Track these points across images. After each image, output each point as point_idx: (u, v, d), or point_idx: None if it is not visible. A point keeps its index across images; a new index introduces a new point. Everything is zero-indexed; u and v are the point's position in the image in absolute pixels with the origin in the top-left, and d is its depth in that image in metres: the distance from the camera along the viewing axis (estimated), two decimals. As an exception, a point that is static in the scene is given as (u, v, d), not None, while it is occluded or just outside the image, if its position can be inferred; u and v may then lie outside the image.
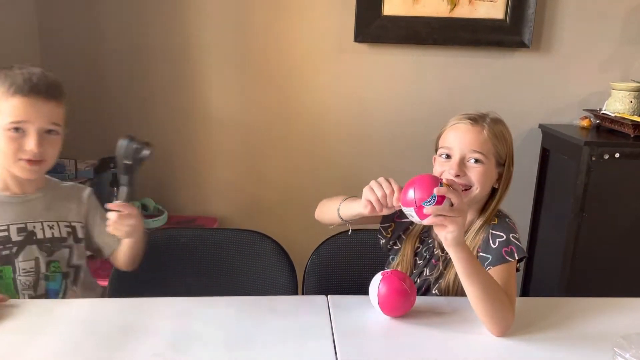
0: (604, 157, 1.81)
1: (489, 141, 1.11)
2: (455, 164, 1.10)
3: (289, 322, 1.03)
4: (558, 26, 2.10)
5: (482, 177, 1.10)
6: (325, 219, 1.22)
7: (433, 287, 1.16)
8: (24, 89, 1.08)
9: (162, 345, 0.94)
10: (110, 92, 2.14)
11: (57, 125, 1.13)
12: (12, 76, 1.09)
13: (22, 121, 1.08)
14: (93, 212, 1.25)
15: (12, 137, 1.08)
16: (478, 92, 2.16)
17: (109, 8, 2.06)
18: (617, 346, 0.90)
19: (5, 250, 1.12)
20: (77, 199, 1.24)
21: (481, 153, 1.10)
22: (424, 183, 0.94)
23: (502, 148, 1.14)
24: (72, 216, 1.21)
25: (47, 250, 1.16)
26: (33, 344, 0.94)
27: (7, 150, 1.09)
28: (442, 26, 2.05)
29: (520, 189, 2.23)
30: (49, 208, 1.18)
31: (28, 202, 1.16)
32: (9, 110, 1.08)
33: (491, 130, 1.12)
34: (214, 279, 1.33)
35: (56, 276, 1.17)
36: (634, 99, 1.99)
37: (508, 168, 1.15)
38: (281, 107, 2.17)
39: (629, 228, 1.87)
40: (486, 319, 0.98)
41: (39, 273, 1.15)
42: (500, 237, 1.10)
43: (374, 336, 1.00)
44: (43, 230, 1.16)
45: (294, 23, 2.09)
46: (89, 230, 1.25)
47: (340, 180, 2.21)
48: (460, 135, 1.13)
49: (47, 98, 1.11)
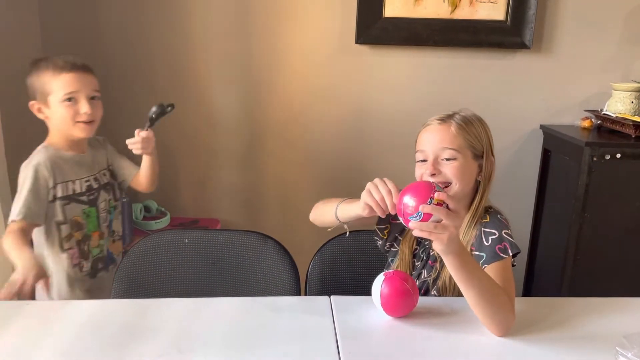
0: (605, 157, 1.81)
1: (458, 136, 1.12)
2: (430, 164, 1.12)
3: (292, 323, 1.03)
4: (559, 27, 2.10)
5: (458, 172, 1.11)
6: (321, 221, 1.22)
7: (432, 288, 1.16)
8: (67, 67, 1.36)
9: (166, 346, 0.95)
10: (112, 94, 2.14)
11: (97, 91, 1.42)
12: (53, 61, 1.37)
13: (73, 91, 1.36)
14: (113, 153, 1.58)
15: (68, 106, 1.36)
16: (479, 94, 2.16)
17: (111, 9, 2.07)
18: (620, 346, 0.91)
19: (91, 196, 1.45)
20: (103, 148, 1.56)
21: (452, 149, 1.11)
22: (415, 194, 0.92)
23: (475, 140, 1.14)
24: (105, 162, 1.55)
25: (107, 192, 1.51)
26: (38, 345, 0.95)
27: (67, 117, 1.37)
28: (443, 28, 2.06)
29: (521, 189, 2.24)
30: (95, 160, 1.51)
31: (87, 157, 1.48)
32: (61, 86, 1.35)
33: (459, 125, 1.14)
34: (217, 280, 1.34)
35: (111, 209, 1.53)
36: (635, 99, 1.99)
37: (487, 159, 1.16)
38: (283, 109, 2.18)
39: (630, 228, 1.87)
40: (487, 320, 0.99)
41: (108, 209, 1.50)
42: (493, 234, 1.10)
43: (376, 337, 1.00)
44: (102, 177, 1.50)
45: (296, 25, 2.10)
46: (115, 169, 1.57)
47: (343, 181, 2.22)
48: (430, 136, 1.15)
49: (85, 71, 1.39)
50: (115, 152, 1.59)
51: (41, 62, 1.38)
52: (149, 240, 1.33)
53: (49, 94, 1.36)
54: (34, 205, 1.32)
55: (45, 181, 1.35)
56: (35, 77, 1.38)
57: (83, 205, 1.43)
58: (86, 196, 1.44)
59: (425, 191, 0.91)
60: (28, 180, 1.34)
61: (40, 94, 1.38)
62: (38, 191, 1.33)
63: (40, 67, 1.37)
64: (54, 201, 1.37)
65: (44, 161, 1.36)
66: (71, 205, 1.40)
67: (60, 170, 1.38)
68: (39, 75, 1.37)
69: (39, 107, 1.40)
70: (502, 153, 2.21)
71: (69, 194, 1.40)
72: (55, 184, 1.37)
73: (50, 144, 1.42)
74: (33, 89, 1.39)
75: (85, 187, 1.44)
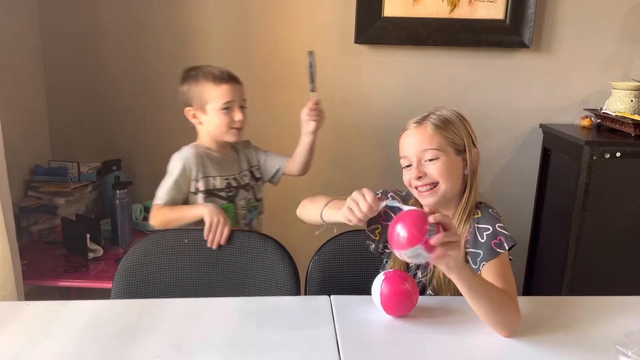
0: (605, 156, 1.81)
1: (436, 135, 1.13)
2: (414, 168, 1.13)
3: (292, 323, 1.03)
4: (558, 26, 2.10)
5: (443, 171, 1.11)
6: (307, 219, 1.26)
7: (428, 288, 1.16)
8: (225, 78, 1.51)
9: (166, 346, 0.95)
10: (112, 95, 2.15)
11: (245, 100, 1.56)
12: (210, 72, 1.51)
13: (230, 101, 1.50)
14: (257, 151, 1.68)
15: (224, 114, 1.50)
16: (479, 93, 2.16)
17: (111, 11, 2.07)
18: (620, 344, 0.91)
19: (230, 193, 1.55)
20: (246, 149, 1.66)
21: (433, 149, 1.12)
22: (409, 225, 0.88)
23: (454, 135, 1.15)
24: (247, 164, 1.64)
25: (247, 191, 1.60)
26: (37, 346, 0.95)
27: (222, 123, 1.50)
28: (442, 27, 2.06)
29: (521, 188, 2.24)
30: (237, 161, 1.61)
31: (229, 158, 1.60)
32: (220, 95, 1.49)
33: (435, 124, 1.14)
34: (217, 280, 1.34)
35: (252, 209, 1.62)
36: (634, 98, 1.99)
37: (470, 152, 1.16)
38: (282, 109, 2.17)
39: (630, 227, 1.87)
40: (495, 326, 0.99)
41: (248, 207, 1.60)
42: (487, 229, 1.10)
43: (377, 336, 1.00)
44: (241, 178, 1.60)
45: (295, 25, 2.10)
46: (263, 167, 1.67)
47: (341, 180, 2.22)
48: (409, 140, 1.15)
49: (238, 82, 1.54)
50: (259, 150, 1.69)
51: (198, 73, 1.52)
52: (148, 241, 1.33)
53: (208, 102, 1.50)
54: (175, 194, 1.47)
55: (189, 173, 1.49)
56: (194, 86, 1.51)
57: (222, 201, 1.53)
58: (225, 192, 1.54)
59: (418, 222, 0.88)
60: (175, 171, 1.48)
61: (198, 101, 1.51)
62: (181, 182, 1.48)
63: (198, 77, 1.51)
64: (197, 193, 1.50)
65: (192, 156, 1.50)
66: (211, 199, 1.51)
67: (204, 166, 1.52)
68: (198, 84, 1.50)
69: (195, 113, 1.53)
70: (502, 152, 2.21)
71: (209, 188, 1.52)
72: (198, 178, 1.50)
73: (199, 144, 1.56)
74: (189, 96, 1.53)
75: (225, 184, 1.55)
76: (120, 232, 1.90)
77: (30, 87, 2.04)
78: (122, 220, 1.90)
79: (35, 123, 2.09)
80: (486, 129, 2.19)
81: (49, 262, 1.80)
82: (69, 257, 1.83)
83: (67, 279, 1.71)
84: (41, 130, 2.12)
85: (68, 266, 1.77)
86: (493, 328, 0.99)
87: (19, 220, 1.91)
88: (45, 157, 2.10)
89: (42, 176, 2.00)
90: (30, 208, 1.91)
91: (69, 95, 2.13)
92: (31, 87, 2.05)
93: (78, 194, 2.00)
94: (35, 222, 1.94)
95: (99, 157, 2.13)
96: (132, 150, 2.18)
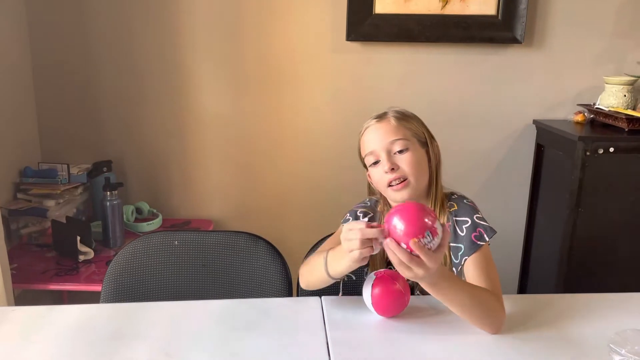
0: (599, 151, 1.81)
1: (400, 126, 1.12)
2: (385, 161, 1.09)
3: (282, 324, 1.02)
4: (550, 21, 2.09)
5: (414, 163, 1.09)
6: (319, 284, 1.08)
7: (416, 288, 1.15)
8: None
9: (155, 350, 0.93)
10: (102, 97, 2.13)
11: None
12: None
13: None
14: None
15: None
16: (471, 89, 2.15)
17: (100, 11, 2.05)
18: (613, 342, 0.90)
19: None
20: None
21: (402, 139, 1.10)
22: (406, 217, 0.86)
23: (415, 126, 1.14)
24: None
25: None
26: (25, 351, 0.93)
27: None
28: (434, 23, 2.04)
29: (515, 185, 2.23)
30: None
31: None
32: None
33: (396, 117, 1.14)
34: (208, 281, 1.32)
35: None
36: (627, 92, 1.99)
37: (432, 143, 1.15)
38: (274, 108, 2.16)
39: (624, 222, 1.87)
40: (478, 324, 0.99)
41: None
42: (465, 222, 1.09)
43: (367, 337, 0.99)
44: None
45: (286, 23, 2.08)
46: None
47: (333, 179, 2.21)
48: (375, 135, 1.13)
49: None
50: None
51: None
52: (138, 243, 1.32)
53: None
54: None
55: None
56: None
57: None
58: None
59: (417, 215, 0.86)
60: None
61: None
62: None
63: None
64: None
65: None
66: None
67: None
68: None
69: None
70: (496, 149, 2.20)
71: None
72: None
73: None
74: None
75: None
76: (112, 234, 1.89)
77: (19, 88, 2.02)
78: (113, 222, 1.88)
79: (24, 124, 2.06)
80: (479, 125, 2.18)
81: (39, 266, 1.78)
82: (60, 260, 1.81)
83: (57, 282, 1.70)
84: (30, 131, 2.10)
85: (59, 269, 1.76)
86: (479, 328, 0.99)
87: (8, 223, 1.90)
88: (34, 159, 2.08)
89: (31, 178, 1.98)
90: (19, 211, 1.89)
91: (58, 96, 2.11)
92: (20, 88, 2.03)
93: (68, 195, 1.98)
94: (24, 225, 1.92)
95: (89, 158, 2.11)
96: (123, 152, 2.16)
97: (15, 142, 1.98)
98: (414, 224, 0.85)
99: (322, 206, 2.23)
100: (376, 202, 1.22)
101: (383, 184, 1.12)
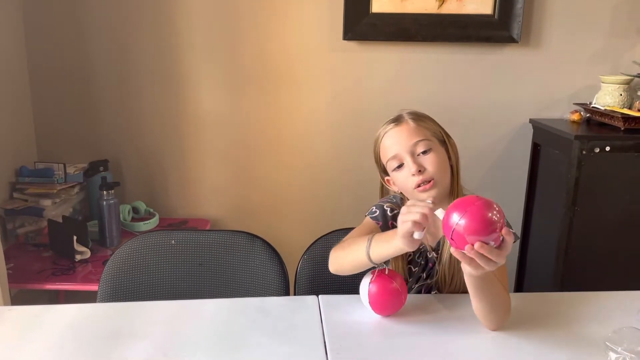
0: (595, 150, 1.81)
1: (419, 127, 1.11)
2: (411, 163, 1.07)
3: (279, 323, 1.02)
4: (547, 21, 2.10)
5: (439, 164, 1.08)
6: (351, 267, 1.06)
7: (433, 290, 1.15)
8: None
9: (152, 350, 0.93)
10: (98, 96, 2.13)
11: None
12: None
13: None
14: None
15: None
16: (468, 88, 2.15)
17: (95, 9, 2.04)
18: (609, 340, 0.90)
19: None
20: None
21: (425, 139, 1.09)
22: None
23: (432, 125, 1.14)
24: None
25: None
26: (21, 351, 0.93)
27: None
28: (430, 23, 2.04)
29: (512, 184, 2.24)
30: None
31: None
32: None
33: (413, 118, 1.13)
34: (205, 281, 1.32)
35: None
36: (623, 92, 1.99)
37: (449, 141, 1.15)
38: (271, 107, 2.16)
39: (620, 221, 1.87)
40: (487, 322, 0.99)
41: None
42: None
43: (364, 335, 0.99)
44: None
45: (282, 22, 2.08)
46: None
47: (330, 178, 2.21)
48: (394, 138, 1.11)
49: None
50: None
51: None
52: (134, 242, 1.31)
53: None
54: None
55: None
56: None
57: None
58: None
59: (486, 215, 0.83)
60: None
61: None
62: None
63: None
64: None
65: None
66: None
67: None
68: None
69: None
70: (492, 148, 2.20)
71: None
72: None
73: None
74: None
75: None
76: (108, 233, 1.88)
77: (14, 87, 2.01)
78: (110, 221, 1.88)
79: (20, 124, 2.06)
80: (476, 124, 2.18)
81: (36, 265, 1.78)
82: (56, 260, 1.81)
83: (54, 282, 1.69)
84: (26, 130, 2.09)
85: (55, 269, 1.75)
86: (484, 323, 0.99)
87: (4, 222, 1.89)
88: (30, 158, 2.07)
89: (27, 178, 1.98)
90: (15, 210, 1.89)
91: (55, 95, 2.11)
92: (16, 88, 2.02)
93: (64, 195, 1.97)
94: (21, 225, 1.92)
95: (86, 157, 2.10)
96: (119, 151, 2.16)
97: (11, 141, 1.97)
98: (485, 225, 0.82)
99: (320, 204, 2.23)
100: (401, 199, 1.20)
101: (410, 187, 1.09)
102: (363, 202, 2.11)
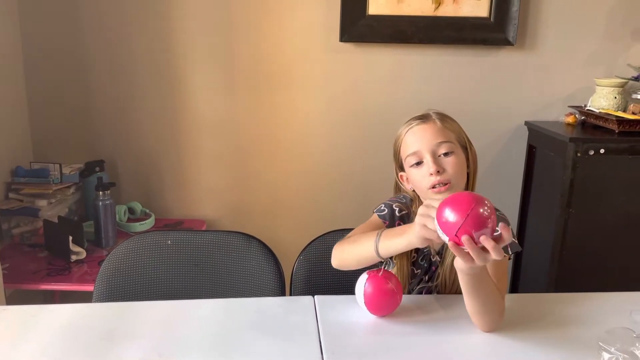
0: (589, 153, 1.82)
1: (445, 128, 1.10)
2: (431, 162, 1.06)
3: (275, 324, 1.02)
4: (542, 23, 2.11)
5: (459, 169, 1.08)
6: (357, 262, 1.05)
7: (434, 292, 1.16)
8: None
9: (148, 350, 0.93)
10: (94, 96, 2.12)
11: None
12: None
13: None
14: None
15: None
16: (464, 91, 2.16)
17: (92, 11, 2.04)
18: (603, 341, 0.91)
19: None
20: None
21: (448, 142, 1.08)
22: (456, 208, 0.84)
23: (458, 129, 1.13)
24: None
25: None
26: (16, 351, 0.93)
27: None
28: (427, 25, 2.05)
29: (507, 186, 2.24)
30: None
31: None
32: None
33: (441, 119, 1.12)
34: (201, 281, 1.32)
35: None
36: (618, 94, 2.00)
37: (470, 149, 1.14)
38: (267, 108, 2.16)
39: (615, 223, 1.88)
40: (481, 323, 0.99)
41: None
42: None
43: (360, 335, 0.99)
44: None
45: (279, 23, 2.08)
46: None
47: (327, 180, 2.21)
48: (419, 135, 1.09)
49: None
50: None
51: None
52: (130, 243, 1.31)
53: None
54: None
55: None
56: None
57: None
58: None
59: None
60: None
61: None
62: None
63: None
64: None
65: None
66: None
67: None
68: None
69: None
70: (488, 150, 2.21)
71: None
72: None
73: None
74: None
75: None
76: (104, 234, 1.88)
77: (10, 87, 2.01)
78: (106, 222, 1.88)
79: (15, 124, 2.05)
80: (471, 126, 2.14)
81: (31, 266, 1.77)
82: (52, 260, 1.80)
83: (49, 282, 1.69)
84: (22, 131, 2.09)
85: (50, 269, 1.75)
86: (477, 324, 0.99)
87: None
88: (26, 159, 2.07)
89: (23, 178, 1.97)
90: (11, 210, 1.88)
91: (50, 95, 2.10)
92: (11, 88, 2.02)
93: (60, 195, 1.97)
94: (16, 225, 1.91)
95: (82, 158, 2.10)
96: (115, 151, 2.16)
97: (7, 141, 1.97)
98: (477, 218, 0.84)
99: (316, 205, 2.23)
100: (411, 200, 1.18)
101: (425, 186, 1.08)
102: (359, 203, 2.12)
